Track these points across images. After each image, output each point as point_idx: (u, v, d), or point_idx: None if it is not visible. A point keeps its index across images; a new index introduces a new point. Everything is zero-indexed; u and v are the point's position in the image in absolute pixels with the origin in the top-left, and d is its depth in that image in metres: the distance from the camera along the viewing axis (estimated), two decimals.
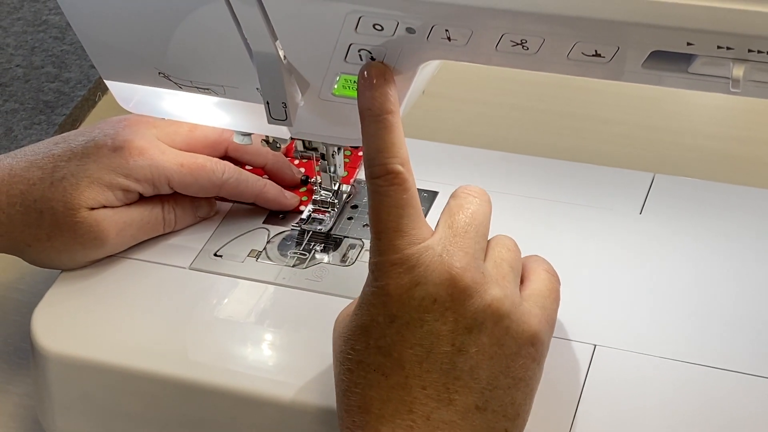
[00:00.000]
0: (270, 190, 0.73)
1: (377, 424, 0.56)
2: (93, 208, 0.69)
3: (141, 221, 0.71)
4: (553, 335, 0.61)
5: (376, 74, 0.58)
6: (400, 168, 0.57)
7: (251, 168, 0.75)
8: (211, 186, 0.71)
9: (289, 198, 0.73)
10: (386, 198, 0.57)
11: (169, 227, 0.72)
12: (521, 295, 0.59)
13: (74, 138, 0.71)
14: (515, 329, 0.57)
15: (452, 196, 0.61)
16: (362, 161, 0.59)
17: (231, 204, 0.74)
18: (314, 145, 0.70)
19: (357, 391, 0.57)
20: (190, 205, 0.72)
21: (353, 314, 0.58)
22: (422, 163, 0.76)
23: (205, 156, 0.72)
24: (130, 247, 0.72)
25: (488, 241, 0.60)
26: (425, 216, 0.72)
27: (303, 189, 0.75)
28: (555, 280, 0.61)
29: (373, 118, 0.57)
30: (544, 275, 0.61)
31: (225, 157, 0.73)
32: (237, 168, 0.72)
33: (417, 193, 0.58)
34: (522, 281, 0.61)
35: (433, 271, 0.56)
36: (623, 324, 0.65)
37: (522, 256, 0.62)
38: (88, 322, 0.69)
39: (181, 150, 0.71)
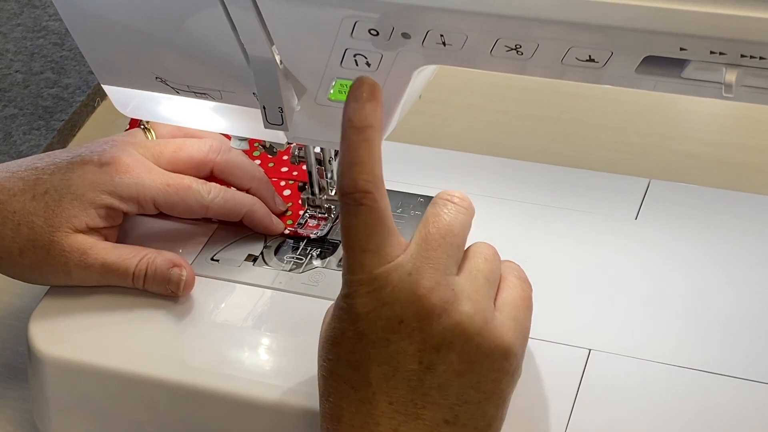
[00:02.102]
0: (258, 209, 0.72)
1: None
2: (76, 230, 0.68)
3: (112, 263, 0.68)
4: (548, 339, 0.61)
5: (365, 89, 0.56)
6: (370, 187, 0.55)
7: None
8: (198, 207, 0.70)
9: (275, 222, 0.72)
10: (355, 217, 0.56)
11: (138, 282, 0.69)
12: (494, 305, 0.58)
13: (60, 154, 0.71)
14: (487, 345, 0.56)
15: (432, 202, 0.60)
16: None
17: (216, 224, 0.73)
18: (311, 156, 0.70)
19: (330, 400, 0.57)
20: (164, 267, 0.69)
21: (329, 323, 0.58)
22: (418, 168, 0.77)
23: (191, 177, 0.71)
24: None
25: (466, 250, 0.59)
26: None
27: (287, 213, 0.74)
28: (527, 287, 0.60)
29: (354, 130, 0.56)
30: (515, 282, 0.60)
31: (210, 177, 0.73)
32: (223, 187, 0.72)
33: (389, 210, 0.56)
34: None
35: (400, 291, 0.55)
36: (618, 329, 0.65)
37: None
38: (85, 326, 0.69)
39: (166, 170, 0.71)
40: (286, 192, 0.75)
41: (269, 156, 0.74)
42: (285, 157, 0.73)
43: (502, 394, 0.57)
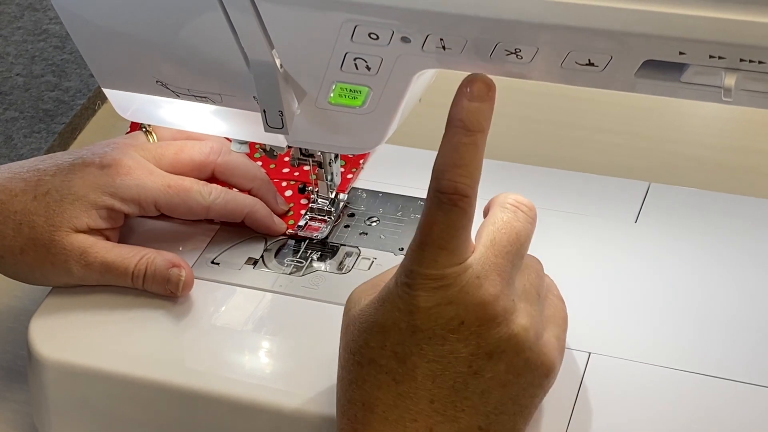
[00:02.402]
0: (260, 209, 0.72)
1: (379, 425, 0.56)
2: (76, 230, 0.68)
3: (112, 262, 0.69)
4: None
5: (481, 88, 0.56)
6: (469, 192, 0.55)
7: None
8: (199, 208, 0.71)
9: (277, 223, 0.73)
10: (445, 216, 0.55)
11: (137, 282, 0.69)
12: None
13: (62, 156, 0.71)
14: (534, 361, 0.56)
15: (500, 204, 0.59)
16: (432, 172, 0.56)
17: (218, 226, 0.73)
18: (311, 153, 0.70)
19: (364, 388, 0.56)
20: (164, 267, 0.69)
21: (373, 308, 0.57)
22: (418, 172, 0.76)
23: (192, 178, 0.71)
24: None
25: None
26: None
27: (289, 214, 0.74)
28: (564, 308, 0.61)
29: (463, 131, 0.55)
30: (555, 302, 0.61)
31: (212, 179, 0.73)
32: (224, 188, 0.72)
33: (474, 214, 0.56)
34: None
35: (467, 293, 0.55)
36: (618, 332, 0.65)
37: None
38: (85, 329, 0.69)
39: (167, 172, 0.71)
40: (288, 193, 0.75)
41: (270, 159, 0.74)
42: (286, 159, 0.73)
43: (533, 410, 0.58)
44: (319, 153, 0.71)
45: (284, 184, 0.76)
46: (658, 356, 0.64)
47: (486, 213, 0.60)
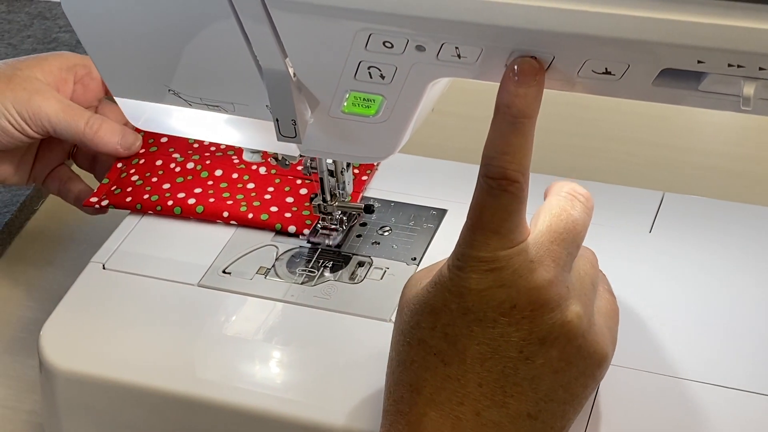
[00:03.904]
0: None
1: (425, 407, 0.55)
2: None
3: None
4: None
5: (528, 71, 0.54)
6: (518, 177, 0.54)
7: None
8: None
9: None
10: (495, 200, 0.54)
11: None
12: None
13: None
14: (587, 349, 0.56)
15: (557, 192, 0.58)
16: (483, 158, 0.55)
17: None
18: (324, 163, 0.70)
19: (412, 368, 0.56)
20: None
21: (426, 289, 0.57)
22: (431, 181, 0.77)
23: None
24: (139, 264, 0.72)
25: None
26: (434, 234, 0.73)
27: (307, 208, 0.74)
28: (615, 303, 0.61)
29: (510, 118, 0.54)
30: (606, 295, 0.60)
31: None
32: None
33: (527, 198, 0.55)
34: None
35: (520, 277, 0.55)
36: (633, 342, 0.65)
37: None
38: (96, 338, 0.69)
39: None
40: (303, 191, 0.75)
41: (282, 168, 0.74)
42: (299, 168, 0.73)
43: (584, 400, 0.57)
44: (330, 162, 0.71)
45: (299, 181, 0.76)
46: (673, 367, 0.64)
47: (545, 197, 0.59)
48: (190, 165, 0.77)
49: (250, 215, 0.74)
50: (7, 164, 0.79)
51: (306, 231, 0.73)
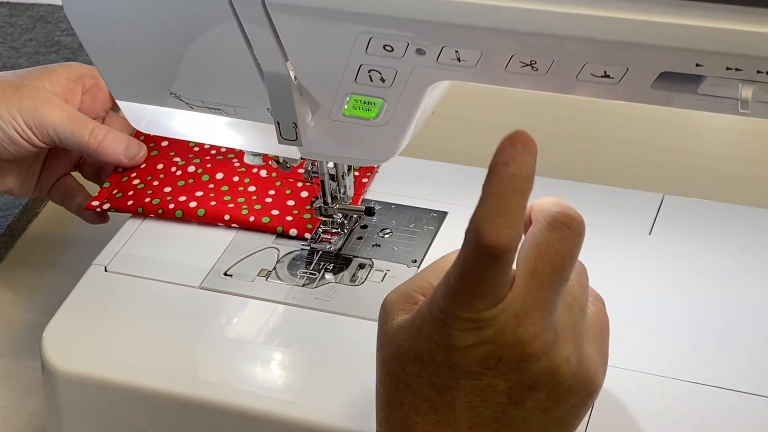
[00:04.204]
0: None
1: None
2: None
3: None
4: None
5: (522, 141, 0.52)
6: (512, 245, 0.51)
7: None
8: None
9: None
10: (484, 269, 0.52)
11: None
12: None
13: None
14: (577, 387, 0.55)
15: (546, 218, 0.55)
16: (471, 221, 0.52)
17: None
18: (324, 166, 0.71)
19: (402, 411, 0.55)
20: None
21: (407, 333, 0.55)
22: (431, 183, 0.77)
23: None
24: (141, 266, 0.72)
25: None
26: (434, 236, 0.73)
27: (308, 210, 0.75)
28: (603, 309, 0.59)
29: (510, 177, 0.51)
30: (593, 309, 0.58)
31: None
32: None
33: (513, 262, 0.53)
34: None
35: (504, 334, 0.53)
36: (632, 344, 0.65)
37: None
38: (98, 340, 0.69)
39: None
40: (304, 194, 0.76)
41: (283, 171, 0.74)
42: (300, 171, 0.73)
43: (576, 425, 0.57)
44: (331, 165, 0.71)
45: (300, 184, 0.76)
46: (674, 369, 0.64)
47: (528, 219, 0.56)
48: (191, 168, 0.78)
49: (252, 218, 0.74)
50: (14, 174, 0.80)
51: (307, 235, 0.73)
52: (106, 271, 0.73)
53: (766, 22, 0.51)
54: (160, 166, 0.78)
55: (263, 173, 0.77)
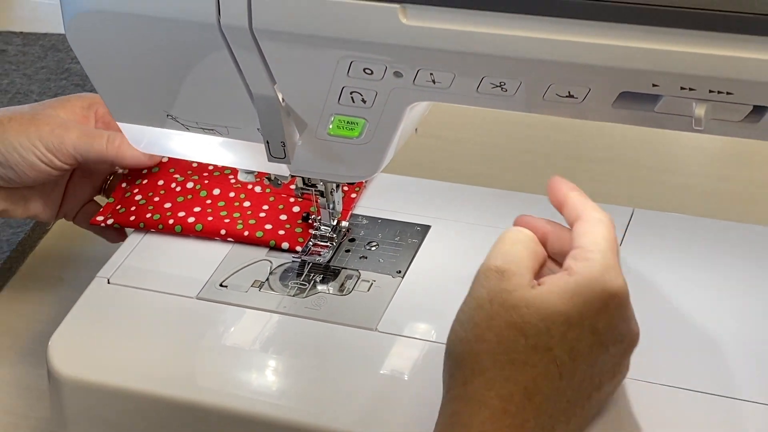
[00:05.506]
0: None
1: (532, 413, 0.55)
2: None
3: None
4: None
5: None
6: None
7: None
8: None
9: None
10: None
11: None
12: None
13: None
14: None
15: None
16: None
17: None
18: (313, 182, 0.72)
19: (528, 372, 0.56)
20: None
21: (560, 297, 0.57)
22: (415, 199, 0.78)
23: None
24: (142, 278, 0.74)
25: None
26: (418, 248, 0.74)
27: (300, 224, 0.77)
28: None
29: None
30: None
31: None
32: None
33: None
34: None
35: (635, 323, 0.61)
36: None
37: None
38: (101, 348, 0.70)
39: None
40: (296, 209, 0.77)
41: (275, 188, 0.76)
42: (292, 187, 0.74)
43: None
44: (321, 183, 0.72)
45: (292, 199, 0.77)
46: (646, 373, 0.64)
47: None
48: (189, 185, 0.79)
49: (246, 233, 0.76)
50: (37, 200, 0.80)
51: (299, 248, 0.75)
52: (109, 282, 0.74)
53: (716, 45, 0.53)
54: (160, 182, 0.80)
55: (258, 189, 0.78)
